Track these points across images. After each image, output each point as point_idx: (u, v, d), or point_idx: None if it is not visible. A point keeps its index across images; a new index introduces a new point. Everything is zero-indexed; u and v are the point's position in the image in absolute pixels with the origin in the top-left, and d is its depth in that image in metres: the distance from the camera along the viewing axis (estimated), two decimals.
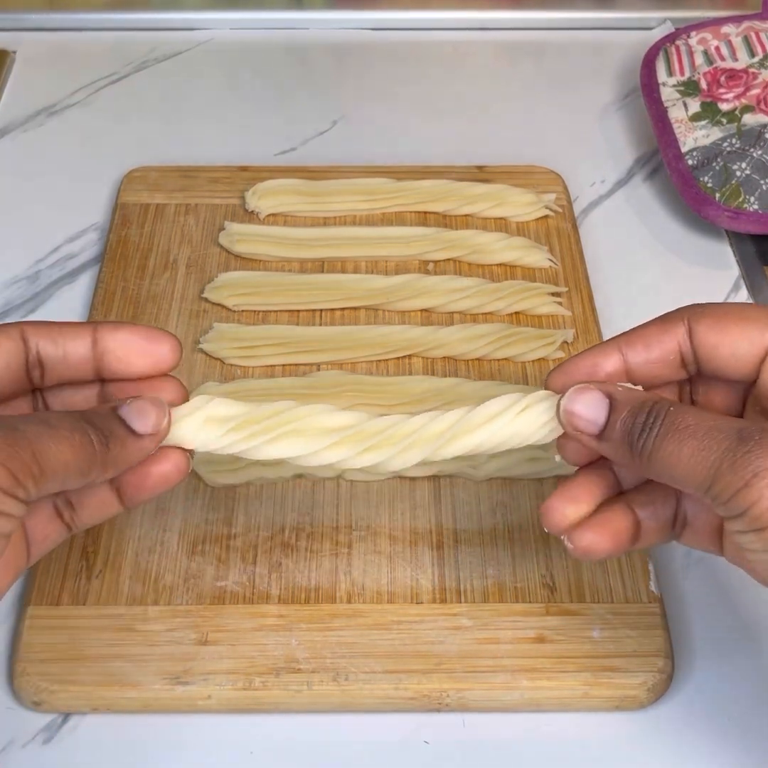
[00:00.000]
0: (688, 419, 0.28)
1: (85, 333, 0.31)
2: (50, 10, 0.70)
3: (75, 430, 0.28)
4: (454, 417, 0.32)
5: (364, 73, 0.68)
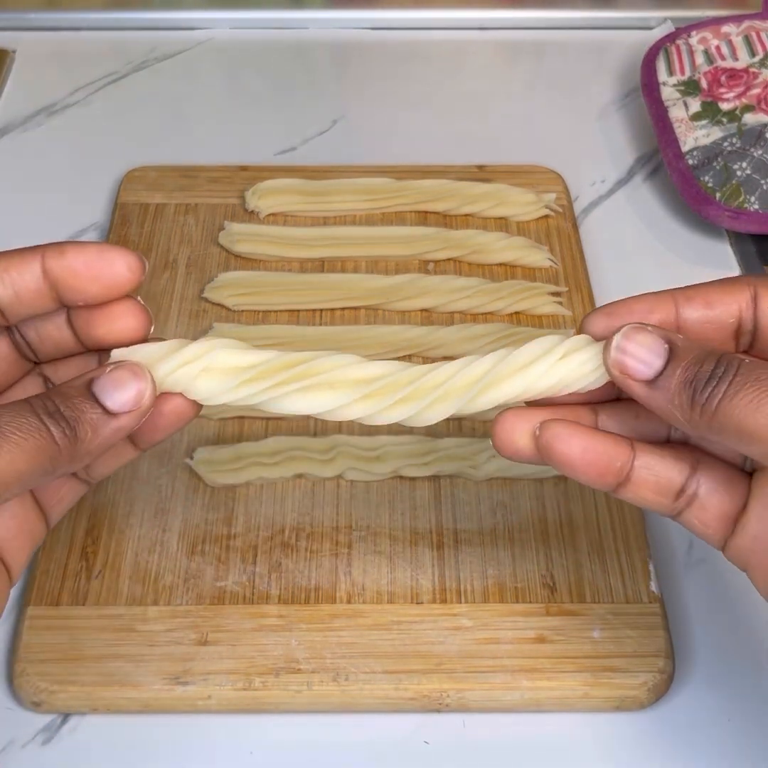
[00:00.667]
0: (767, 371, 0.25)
1: (32, 263, 0.28)
2: (50, 9, 0.69)
3: (30, 431, 0.25)
4: (489, 362, 0.28)
5: (364, 73, 0.68)
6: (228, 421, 0.46)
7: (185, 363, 0.28)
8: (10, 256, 0.28)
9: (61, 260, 0.28)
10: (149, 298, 0.50)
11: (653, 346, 0.26)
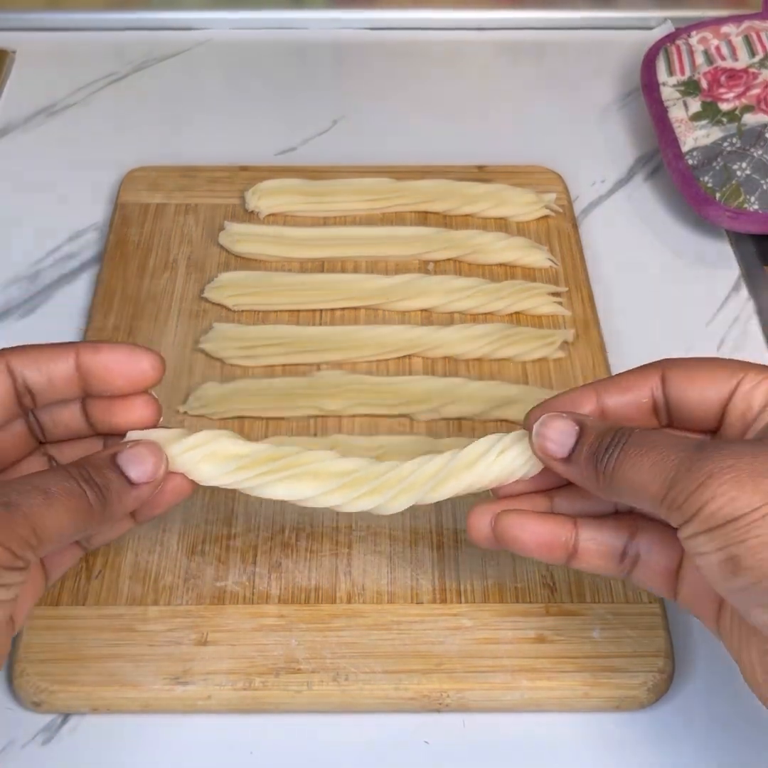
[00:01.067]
0: (652, 435, 0.30)
1: (67, 356, 0.32)
2: (50, 9, 0.70)
3: (72, 494, 0.29)
4: (441, 461, 0.34)
5: (364, 73, 0.68)
6: (228, 421, 0.46)
7: (192, 447, 0.32)
8: (47, 348, 0.32)
9: (95, 356, 0.32)
10: (149, 298, 0.50)
11: (565, 429, 0.31)
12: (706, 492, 0.27)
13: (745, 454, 0.28)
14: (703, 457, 0.28)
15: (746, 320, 0.53)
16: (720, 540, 0.27)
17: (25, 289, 0.53)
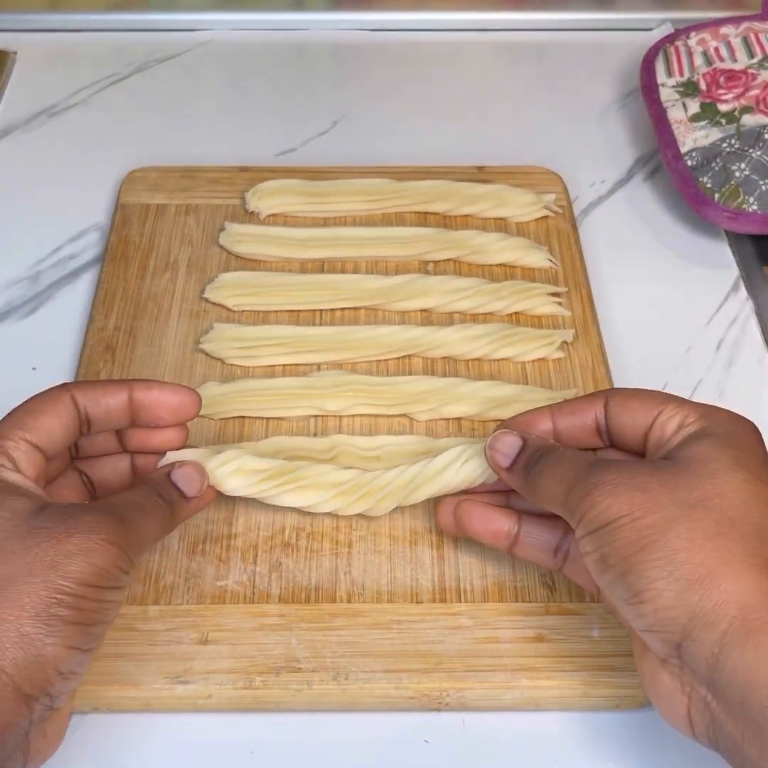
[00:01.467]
0: (566, 453, 0.35)
1: (123, 392, 0.37)
2: (51, 10, 0.70)
3: (158, 509, 0.35)
4: (415, 469, 0.40)
5: (364, 74, 0.68)
6: (229, 421, 0.46)
7: (222, 464, 0.39)
8: (104, 384, 0.37)
9: (147, 394, 0.37)
10: (150, 298, 0.51)
11: (512, 443, 0.37)
12: (588, 500, 0.32)
13: (626, 471, 0.33)
14: (593, 471, 0.33)
15: (745, 320, 0.53)
16: (596, 542, 0.32)
17: (26, 289, 0.53)
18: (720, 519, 0.31)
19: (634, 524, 0.31)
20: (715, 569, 0.30)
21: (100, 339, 0.49)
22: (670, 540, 0.31)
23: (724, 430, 0.34)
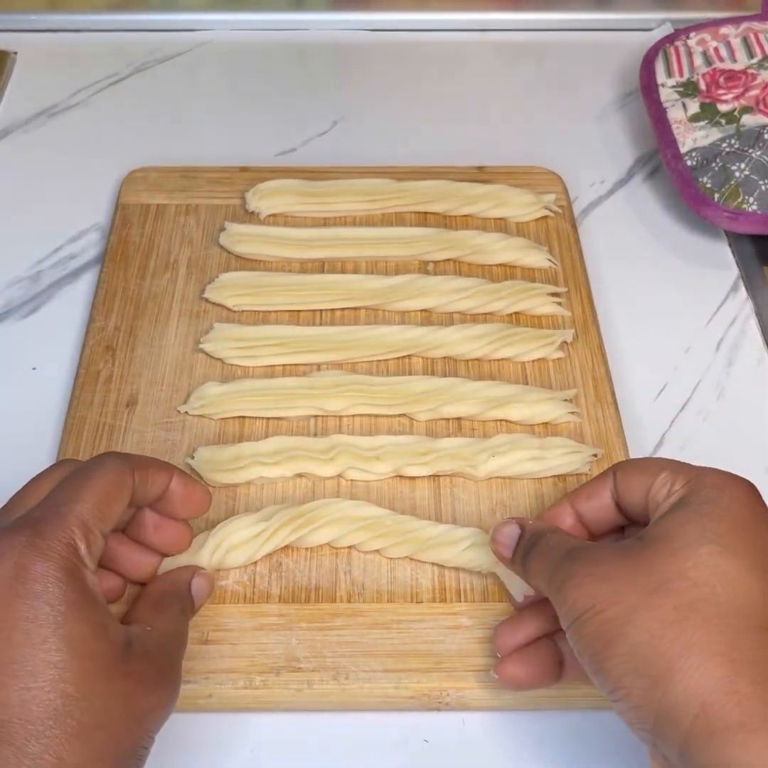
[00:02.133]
0: (552, 539, 0.34)
1: (167, 477, 0.37)
2: (51, 11, 0.70)
3: (181, 623, 0.36)
4: (434, 532, 0.41)
5: (364, 74, 0.68)
6: (229, 421, 0.46)
7: (213, 550, 0.40)
8: (156, 465, 0.36)
9: (184, 487, 0.37)
10: (150, 298, 0.51)
11: (510, 533, 0.37)
12: (561, 594, 0.32)
13: (593, 560, 0.32)
14: (565, 562, 0.32)
15: (744, 320, 0.53)
16: (571, 637, 0.31)
17: (26, 289, 0.53)
18: (680, 604, 0.29)
19: (596, 618, 0.30)
20: (675, 663, 0.28)
21: (100, 339, 0.49)
22: (630, 633, 0.29)
23: (702, 497, 0.32)
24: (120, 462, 0.34)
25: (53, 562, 0.30)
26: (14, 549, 0.30)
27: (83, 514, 0.32)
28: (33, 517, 0.31)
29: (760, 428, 0.48)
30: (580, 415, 0.46)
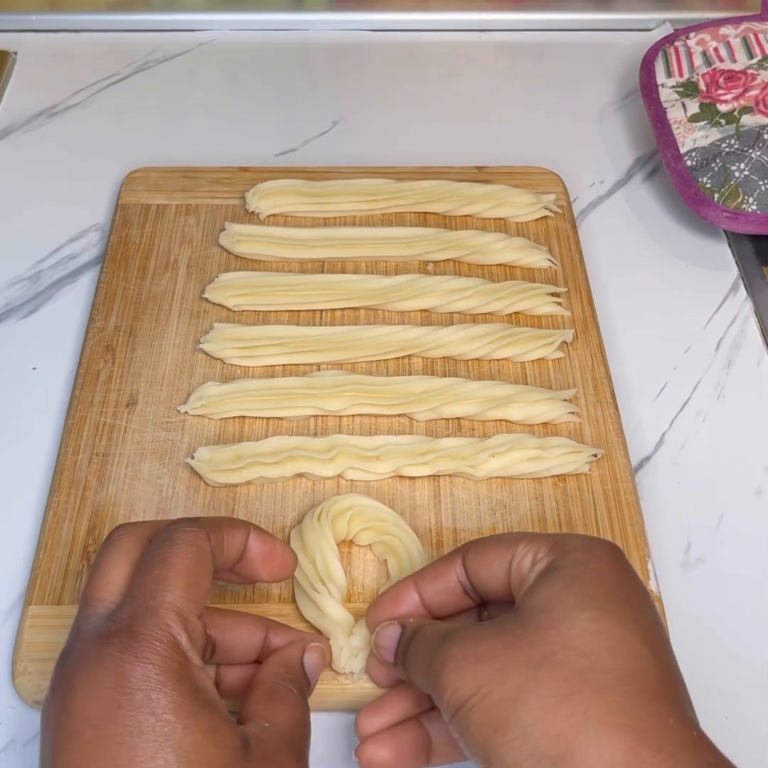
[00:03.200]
0: (428, 630, 0.32)
1: (241, 536, 0.34)
2: (51, 11, 0.70)
3: (304, 711, 0.33)
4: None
5: (364, 74, 0.68)
6: (229, 421, 0.46)
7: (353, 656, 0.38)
8: (227, 528, 0.34)
9: (260, 544, 0.35)
10: (150, 298, 0.51)
11: (392, 634, 0.34)
12: (440, 683, 0.29)
13: (471, 639, 0.30)
14: (441, 647, 0.30)
15: (744, 320, 0.53)
16: (455, 729, 0.29)
17: (26, 289, 0.53)
18: (569, 675, 0.28)
19: (482, 703, 0.28)
20: (574, 740, 0.26)
21: (100, 339, 0.49)
22: (521, 714, 0.27)
23: (572, 560, 0.31)
24: (194, 529, 0.32)
25: (154, 665, 0.28)
26: (111, 657, 0.28)
27: (176, 603, 0.29)
28: (123, 618, 0.29)
29: (760, 428, 0.48)
30: (579, 415, 0.46)
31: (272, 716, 0.32)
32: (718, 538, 0.44)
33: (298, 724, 0.32)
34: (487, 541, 0.34)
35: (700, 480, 0.46)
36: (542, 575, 0.31)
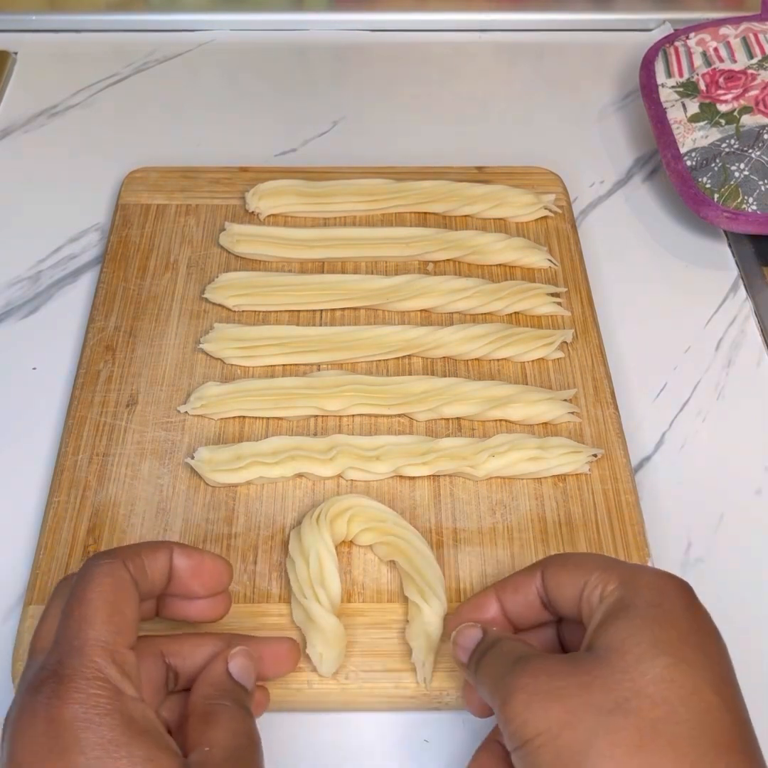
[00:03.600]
0: (504, 647, 0.32)
1: (163, 557, 0.33)
2: (51, 11, 0.70)
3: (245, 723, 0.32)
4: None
5: (364, 74, 0.68)
6: (229, 421, 0.46)
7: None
8: (146, 549, 0.33)
9: (186, 560, 0.34)
10: (150, 298, 0.51)
11: (472, 636, 0.34)
12: (507, 710, 0.29)
13: (545, 673, 0.29)
14: (512, 672, 0.30)
15: (744, 320, 0.53)
16: (518, 760, 0.29)
17: (26, 289, 0.53)
18: (641, 725, 0.27)
19: (553, 744, 0.28)
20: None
21: (100, 339, 0.49)
22: (592, 761, 0.27)
23: (644, 599, 0.30)
24: (107, 561, 0.32)
25: (80, 704, 0.28)
26: (41, 704, 0.28)
27: (100, 638, 0.29)
28: (51, 664, 0.29)
29: (760, 428, 0.48)
30: (579, 415, 0.46)
31: (211, 738, 0.31)
32: (718, 538, 0.44)
33: (239, 735, 0.31)
34: (566, 562, 0.34)
35: (700, 480, 0.46)
36: (614, 612, 0.30)
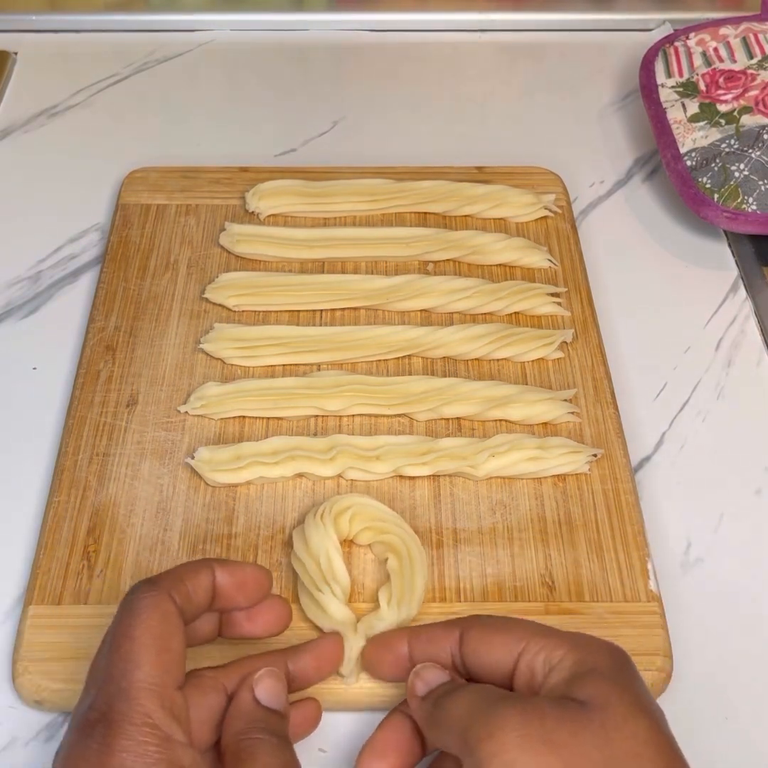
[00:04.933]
0: (479, 687, 0.31)
1: (206, 578, 0.33)
2: (51, 11, 0.70)
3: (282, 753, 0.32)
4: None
5: (364, 75, 0.68)
6: (229, 421, 0.46)
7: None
8: (190, 570, 0.33)
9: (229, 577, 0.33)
10: (150, 298, 0.51)
11: (439, 677, 0.33)
12: (491, 744, 0.28)
13: (536, 716, 0.28)
14: (499, 705, 0.29)
15: (744, 321, 0.53)
16: None
17: (26, 289, 0.53)
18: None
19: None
20: None
21: (100, 339, 0.49)
22: None
23: (604, 663, 0.30)
24: (153, 594, 0.31)
25: (129, 752, 0.27)
26: (92, 750, 0.27)
27: (147, 680, 0.28)
28: (99, 706, 0.28)
29: (760, 428, 0.49)
30: (579, 415, 0.46)
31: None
32: (718, 538, 0.44)
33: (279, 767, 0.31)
34: (490, 627, 0.33)
35: (700, 480, 0.46)
36: (581, 672, 0.30)
